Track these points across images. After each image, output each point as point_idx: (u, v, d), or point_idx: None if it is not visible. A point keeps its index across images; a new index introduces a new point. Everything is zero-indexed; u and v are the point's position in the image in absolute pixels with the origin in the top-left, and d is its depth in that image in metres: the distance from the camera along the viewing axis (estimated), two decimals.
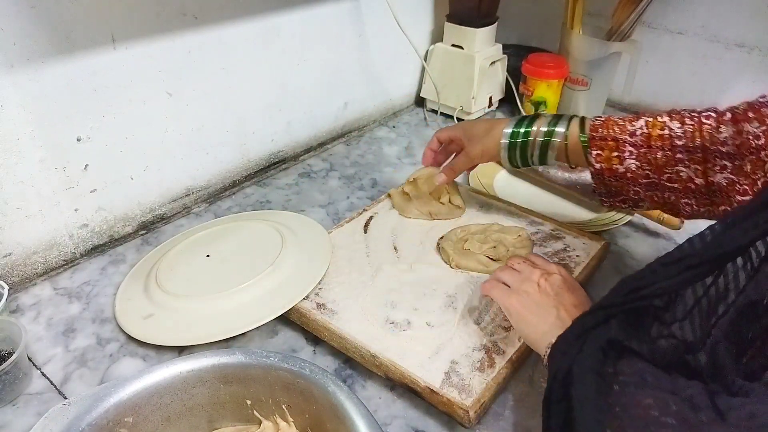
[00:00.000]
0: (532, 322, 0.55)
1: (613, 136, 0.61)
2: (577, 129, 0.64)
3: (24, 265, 0.73)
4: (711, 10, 1.06)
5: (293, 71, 0.96)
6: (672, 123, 0.59)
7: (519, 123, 0.68)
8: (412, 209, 0.82)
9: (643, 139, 0.60)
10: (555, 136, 0.65)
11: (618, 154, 0.61)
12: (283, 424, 0.51)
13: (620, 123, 0.62)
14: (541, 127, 0.66)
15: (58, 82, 0.68)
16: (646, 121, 0.60)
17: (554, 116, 0.67)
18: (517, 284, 0.58)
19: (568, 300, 0.56)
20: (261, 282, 0.67)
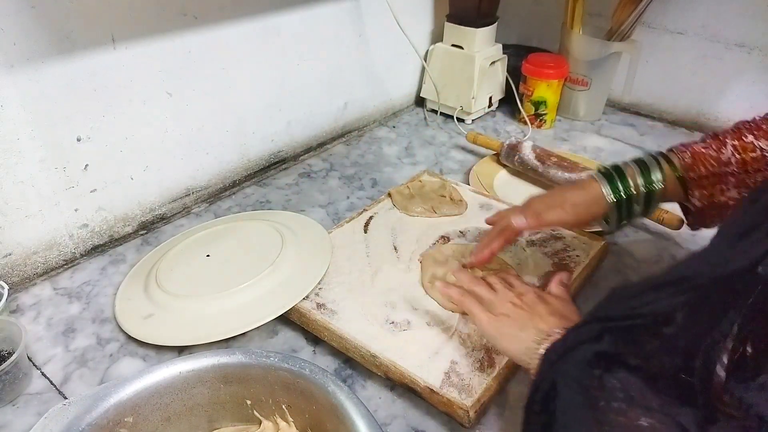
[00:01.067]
0: (511, 337, 0.53)
1: (711, 172, 0.59)
2: (671, 171, 0.61)
3: (24, 265, 0.73)
4: (711, 10, 1.06)
5: (293, 71, 0.96)
6: (760, 142, 0.58)
7: (611, 180, 0.63)
8: (415, 206, 0.82)
9: (739, 165, 0.58)
10: (656, 184, 0.62)
11: (720, 186, 0.59)
12: (283, 424, 0.51)
13: (711, 155, 0.59)
14: (637, 179, 0.62)
15: (58, 82, 0.68)
16: (734, 145, 0.59)
17: (640, 163, 0.63)
18: (492, 305, 0.57)
19: (542, 310, 0.55)
20: (261, 282, 0.67)
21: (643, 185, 0.62)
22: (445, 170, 1.00)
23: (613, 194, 0.62)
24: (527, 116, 1.14)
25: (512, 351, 0.53)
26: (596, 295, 0.71)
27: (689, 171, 0.60)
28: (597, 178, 0.64)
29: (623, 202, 0.62)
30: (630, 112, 1.22)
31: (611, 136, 1.12)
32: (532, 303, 0.56)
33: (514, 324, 0.54)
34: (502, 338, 0.54)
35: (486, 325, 0.55)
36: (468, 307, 0.57)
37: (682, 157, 0.61)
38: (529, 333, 0.52)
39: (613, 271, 0.76)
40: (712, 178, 0.59)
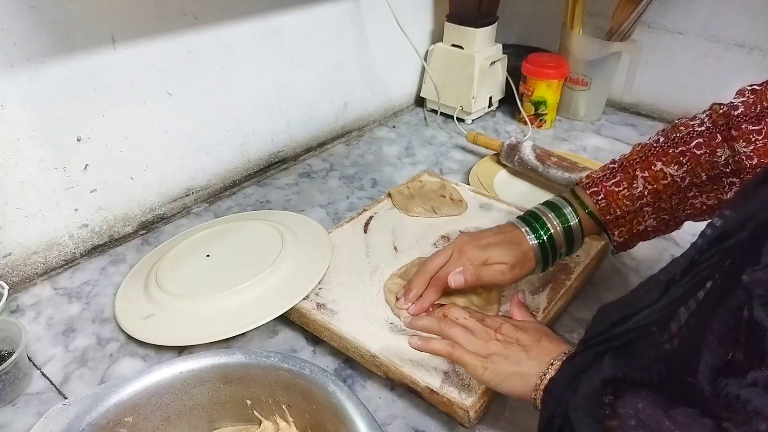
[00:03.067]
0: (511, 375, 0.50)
1: (626, 211, 0.60)
2: (583, 212, 0.62)
3: (24, 265, 0.73)
4: (711, 10, 1.06)
5: (293, 71, 0.96)
6: (669, 168, 0.59)
7: (531, 225, 0.64)
8: (415, 206, 0.82)
9: (653, 195, 0.60)
10: (570, 217, 0.63)
11: (638, 219, 0.61)
12: (283, 424, 0.51)
13: (624, 194, 0.60)
14: (553, 221, 0.63)
15: (58, 82, 0.68)
16: (644, 177, 0.60)
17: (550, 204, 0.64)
18: (481, 348, 0.52)
19: (527, 339, 0.52)
20: (261, 282, 0.67)
21: (561, 223, 0.63)
22: (445, 170, 1.00)
23: (536, 238, 0.63)
24: (527, 116, 1.14)
25: (518, 390, 0.49)
26: (596, 295, 0.71)
27: (605, 214, 0.61)
28: (517, 224, 0.64)
29: (546, 244, 0.63)
30: (630, 112, 1.22)
31: (611, 136, 1.12)
32: (514, 333, 0.53)
33: (508, 362, 0.51)
34: (504, 381, 0.50)
35: (483, 372, 0.51)
36: (459, 358, 0.52)
37: (595, 200, 0.62)
38: (530, 366, 0.49)
39: (613, 271, 0.76)
40: (629, 216, 0.61)
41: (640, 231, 0.62)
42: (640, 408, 0.39)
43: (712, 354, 0.37)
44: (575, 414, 0.41)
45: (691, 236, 0.81)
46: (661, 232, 0.63)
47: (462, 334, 0.54)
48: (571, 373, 0.44)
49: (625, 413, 0.39)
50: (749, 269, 0.35)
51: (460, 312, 0.57)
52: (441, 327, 0.55)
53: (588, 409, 0.40)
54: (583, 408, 0.41)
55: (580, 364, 0.43)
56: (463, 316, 0.56)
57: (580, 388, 0.42)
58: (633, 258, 0.78)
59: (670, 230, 0.63)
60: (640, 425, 0.38)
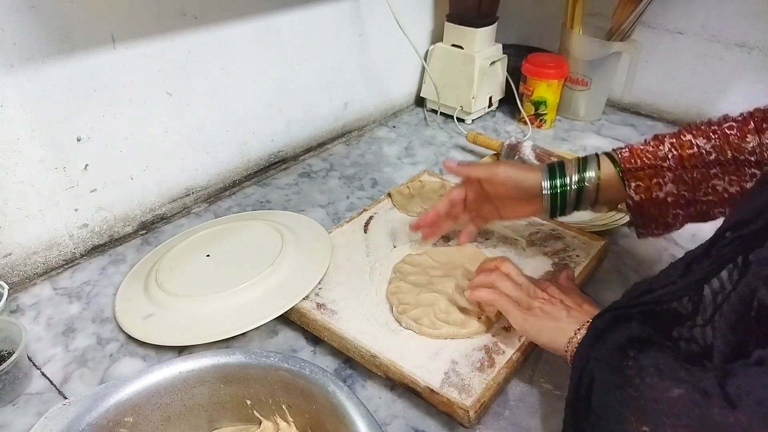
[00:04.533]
0: (549, 329, 0.55)
1: (648, 164, 0.61)
2: (610, 166, 0.63)
3: (24, 265, 0.73)
4: (711, 10, 1.06)
5: (293, 71, 0.96)
6: (698, 140, 0.59)
7: (552, 175, 0.65)
8: (415, 206, 0.82)
9: (676, 161, 0.60)
10: (586, 182, 0.63)
11: (657, 180, 0.60)
12: (283, 424, 0.51)
13: (648, 150, 0.61)
14: (573, 175, 0.64)
15: (58, 82, 0.68)
16: (671, 143, 0.60)
17: (580, 160, 0.65)
18: (525, 301, 0.58)
19: (572, 302, 0.57)
20: (261, 282, 0.67)
21: (575, 183, 0.64)
22: (445, 171, 1.00)
23: (551, 189, 0.65)
24: (527, 116, 1.14)
25: (556, 344, 0.53)
26: (596, 295, 0.71)
27: (626, 163, 0.62)
28: (540, 168, 0.66)
29: (557, 196, 0.65)
30: (630, 112, 1.22)
31: (611, 136, 1.12)
32: (558, 294, 0.58)
33: (549, 317, 0.55)
34: (542, 333, 0.55)
35: (524, 322, 0.56)
36: (503, 305, 0.58)
37: (620, 152, 0.63)
38: (568, 323, 0.54)
39: (613, 271, 0.76)
40: (648, 170, 0.61)
41: (658, 198, 0.61)
42: (661, 362, 0.42)
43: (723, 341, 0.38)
44: (597, 363, 0.45)
45: (691, 236, 0.82)
46: (680, 207, 0.62)
47: (511, 286, 0.59)
48: (594, 333, 0.48)
49: (646, 364, 0.42)
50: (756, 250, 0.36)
51: (512, 268, 0.61)
52: (492, 278, 0.60)
53: (610, 359, 0.44)
54: (606, 359, 0.44)
55: (602, 325, 0.47)
56: (515, 273, 0.61)
57: (606, 342, 0.45)
58: (633, 258, 0.78)
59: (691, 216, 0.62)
60: (656, 373, 0.41)
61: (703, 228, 0.83)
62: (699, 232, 0.78)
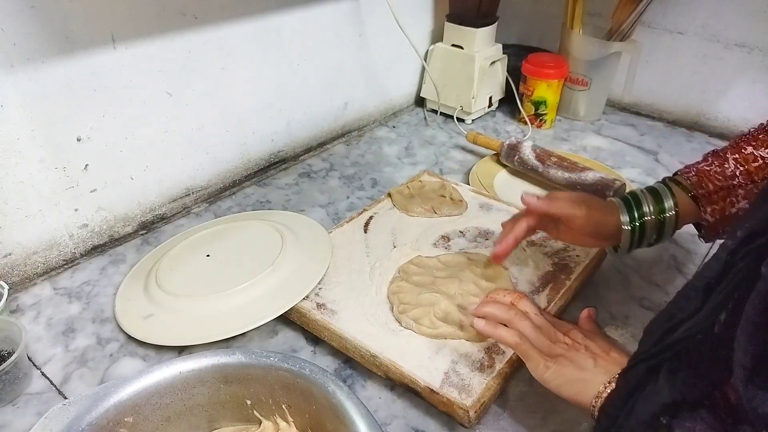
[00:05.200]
0: (573, 380, 0.50)
1: (719, 187, 0.60)
2: (682, 193, 0.62)
3: (24, 265, 0.73)
4: (711, 10, 1.06)
5: (293, 71, 0.96)
6: (760, 151, 0.59)
7: (629, 207, 0.63)
8: (415, 206, 0.82)
9: (745, 177, 0.60)
10: (667, 212, 0.62)
11: (731, 199, 0.60)
12: (283, 424, 0.51)
13: (715, 170, 0.61)
14: (649, 206, 0.63)
15: (58, 82, 0.68)
16: (735, 158, 0.60)
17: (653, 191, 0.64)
18: (546, 346, 0.52)
19: (597, 348, 0.52)
20: (261, 282, 0.67)
21: (658, 214, 0.62)
22: (445, 170, 1.00)
23: (629, 221, 0.63)
24: (527, 116, 1.14)
25: (582, 397, 0.48)
26: (596, 295, 0.71)
27: (698, 189, 0.61)
28: (616, 202, 0.64)
29: (637, 229, 0.63)
30: (630, 112, 1.22)
31: (611, 136, 1.12)
32: (582, 340, 0.52)
33: (573, 366, 0.50)
34: (566, 384, 0.50)
35: (545, 371, 0.51)
36: (524, 351, 0.52)
37: (686, 177, 0.62)
38: (595, 374, 0.48)
39: (613, 271, 0.76)
40: (721, 192, 0.60)
41: (732, 214, 0.60)
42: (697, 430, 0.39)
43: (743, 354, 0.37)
44: None
45: (691, 236, 0.82)
46: None
47: (530, 328, 0.53)
48: (625, 391, 0.44)
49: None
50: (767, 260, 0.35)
51: (531, 306, 0.56)
52: (510, 316, 0.54)
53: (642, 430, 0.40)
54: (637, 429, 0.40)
55: (634, 381, 0.43)
56: (534, 311, 0.55)
57: (636, 410, 0.41)
58: (633, 258, 0.78)
59: None
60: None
61: None
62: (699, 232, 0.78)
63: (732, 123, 1.11)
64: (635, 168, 1.01)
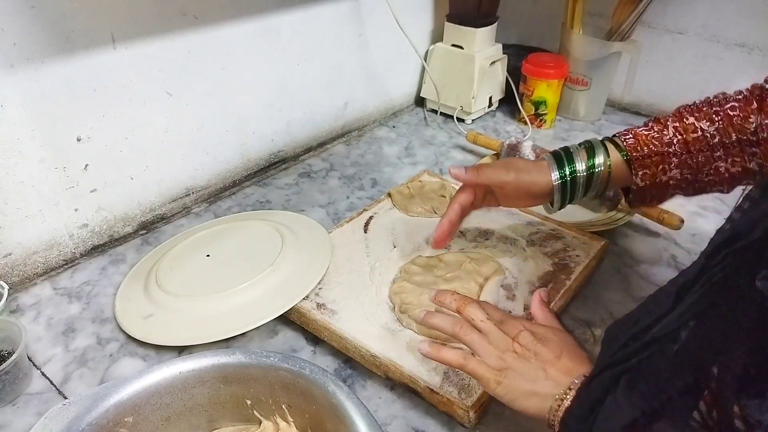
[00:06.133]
0: (526, 394, 0.48)
1: (655, 151, 0.60)
2: (616, 152, 0.62)
3: (24, 265, 0.73)
4: (711, 10, 1.06)
5: (293, 71, 0.96)
6: (701, 123, 0.59)
7: (560, 164, 0.63)
8: (415, 206, 0.82)
9: (681, 145, 0.59)
10: (596, 168, 0.62)
11: (663, 166, 0.60)
12: (283, 424, 0.51)
13: (653, 135, 0.60)
14: (582, 162, 0.63)
15: (58, 82, 0.68)
16: (675, 126, 0.60)
17: (588, 146, 0.64)
18: (495, 360, 0.50)
19: (547, 354, 0.50)
20: (261, 282, 0.67)
21: (586, 169, 0.62)
22: (445, 170, 1.00)
23: (560, 178, 0.63)
24: (527, 116, 1.14)
25: (533, 410, 0.47)
26: (596, 295, 0.71)
27: (632, 151, 0.61)
28: (547, 159, 0.65)
29: (568, 184, 0.63)
30: (630, 112, 1.22)
31: None
32: (533, 345, 0.50)
33: (523, 378, 0.48)
34: (518, 399, 0.48)
35: (496, 387, 0.49)
36: (472, 370, 0.51)
37: (624, 139, 0.62)
38: (546, 386, 0.47)
39: (613, 271, 0.76)
40: (654, 157, 0.60)
41: (662, 181, 0.60)
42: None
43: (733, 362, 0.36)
44: None
45: (691, 236, 0.81)
46: (680, 190, 0.61)
47: (478, 341, 0.51)
48: (588, 404, 0.42)
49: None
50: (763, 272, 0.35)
51: (478, 312, 0.53)
52: (455, 330, 0.53)
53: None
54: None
55: (596, 393, 0.42)
56: (480, 318, 0.53)
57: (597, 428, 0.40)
58: (633, 258, 0.78)
59: (688, 194, 0.62)
60: None
61: (704, 228, 0.83)
62: (699, 233, 0.78)
63: None
64: None
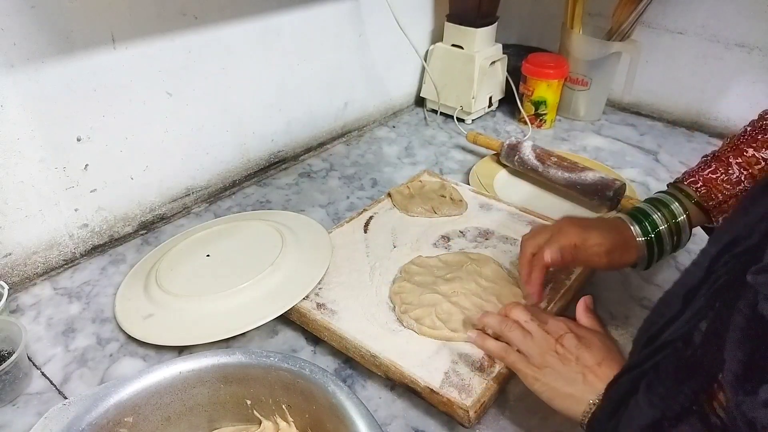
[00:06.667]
0: (563, 395, 0.49)
1: (729, 196, 0.61)
2: (688, 200, 0.62)
3: (24, 265, 0.73)
4: (711, 10, 1.06)
5: (293, 71, 0.96)
6: (762, 153, 0.60)
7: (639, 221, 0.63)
8: (415, 206, 0.82)
9: (750, 180, 0.60)
10: (679, 216, 0.63)
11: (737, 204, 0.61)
12: (283, 424, 0.51)
13: (722, 178, 0.61)
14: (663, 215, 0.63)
15: (58, 82, 0.68)
16: (738, 163, 0.61)
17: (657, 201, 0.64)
18: (536, 357, 0.52)
19: (589, 359, 0.50)
20: (261, 282, 0.67)
21: (669, 219, 0.63)
22: (445, 170, 1.00)
23: (642, 234, 0.63)
24: (527, 116, 1.14)
25: (570, 412, 0.49)
26: (596, 295, 0.71)
27: (708, 200, 0.62)
28: (625, 219, 0.64)
29: (653, 241, 0.63)
30: (630, 112, 1.22)
31: (611, 136, 1.12)
32: (575, 349, 0.51)
33: (563, 380, 0.50)
34: (556, 398, 0.50)
35: (534, 383, 0.51)
36: (512, 363, 0.53)
37: (695, 188, 0.62)
38: (583, 391, 0.48)
39: (613, 270, 0.75)
40: (731, 201, 0.61)
41: None
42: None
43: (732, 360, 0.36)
44: None
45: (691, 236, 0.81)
46: None
47: (521, 338, 0.53)
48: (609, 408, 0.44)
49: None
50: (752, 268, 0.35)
51: (523, 314, 0.56)
52: (501, 328, 0.55)
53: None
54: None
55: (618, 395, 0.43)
56: (524, 319, 0.55)
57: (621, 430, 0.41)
58: None
59: None
60: None
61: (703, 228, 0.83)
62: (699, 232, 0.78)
63: (732, 123, 1.11)
64: (635, 168, 1.01)
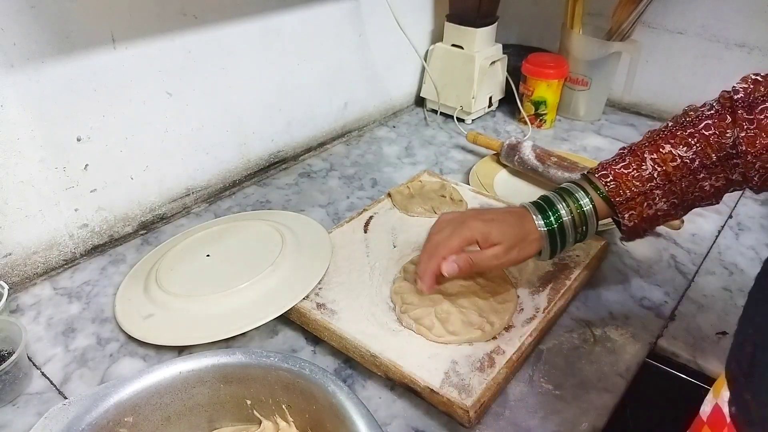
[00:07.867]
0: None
1: (636, 192, 0.59)
2: (595, 193, 0.61)
3: (24, 265, 0.73)
4: (711, 10, 1.06)
5: (293, 71, 0.96)
6: (678, 150, 0.58)
7: (542, 213, 0.62)
8: (415, 206, 0.82)
9: (663, 177, 0.59)
10: (585, 207, 0.61)
11: (648, 202, 0.60)
12: (283, 424, 0.51)
13: (633, 174, 0.59)
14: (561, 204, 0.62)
15: (58, 82, 0.68)
16: (653, 159, 0.59)
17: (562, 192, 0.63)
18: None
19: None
20: (261, 282, 0.67)
21: (574, 210, 0.61)
22: (445, 170, 1.00)
23: (545, 225, 0.61)
24: (527, 116, 1.14)
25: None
26: (596, 295, 0.71)
27: (615, 196, 0.60)
28: (529, 209, 0.63)
29: (556, 232, 0.61)
30: (630, 112, 1.22)
31: (611, 136, 1.12)
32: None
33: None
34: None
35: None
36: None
37: (605, 182, 0.61)
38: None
39: (613, 271, 0.76)
40: (638, 197, 0.60)
41: (650, 215, 0.60)
42: None
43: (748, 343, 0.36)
44: None
45: (691, 236, 0.81)
46: (670, 217, 0.62)
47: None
48: None
49: None
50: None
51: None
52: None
53: None
54: None
55: None
56: None
57: None
58: (633, 258, 0.78)
59: (678, 216, 0.62)
60: None
61: (704, 228, 0.83)
62: (699, 232, 0.78)
63: None
64: None
